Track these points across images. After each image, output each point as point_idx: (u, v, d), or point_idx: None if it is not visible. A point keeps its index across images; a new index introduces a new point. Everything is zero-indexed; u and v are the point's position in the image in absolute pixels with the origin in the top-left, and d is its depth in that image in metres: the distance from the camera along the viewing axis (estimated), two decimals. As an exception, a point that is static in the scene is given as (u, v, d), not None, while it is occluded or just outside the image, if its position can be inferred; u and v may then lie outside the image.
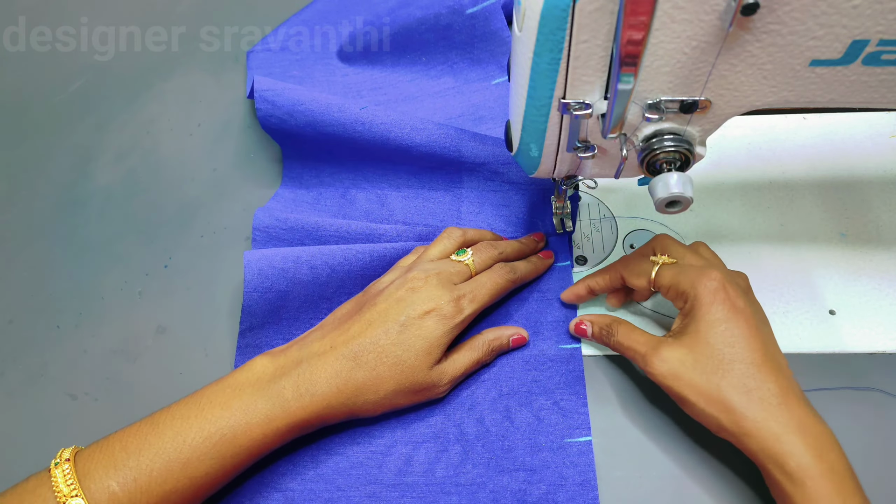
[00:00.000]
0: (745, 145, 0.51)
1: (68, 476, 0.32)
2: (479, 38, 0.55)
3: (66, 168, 0.56)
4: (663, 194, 0.33)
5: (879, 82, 0.31)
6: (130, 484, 0.33)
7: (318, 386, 0.36)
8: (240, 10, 0.64)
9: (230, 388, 0.36)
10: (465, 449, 0.40)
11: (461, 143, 0.47)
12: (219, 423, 0.35)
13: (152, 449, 0.33)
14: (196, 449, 0.34)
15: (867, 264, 0.44)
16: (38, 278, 0.50)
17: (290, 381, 0.36)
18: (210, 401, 0.36)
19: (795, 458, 0.32)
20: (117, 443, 0.34)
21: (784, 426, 0.32)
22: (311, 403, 0.36)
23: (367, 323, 0.38)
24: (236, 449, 0.35)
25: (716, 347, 0.34)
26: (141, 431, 0.34)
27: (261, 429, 0.35)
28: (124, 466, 0.33)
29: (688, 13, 0.27)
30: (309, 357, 0.37)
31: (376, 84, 0.56)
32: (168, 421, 0.35)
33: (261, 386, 0.36)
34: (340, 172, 0.52)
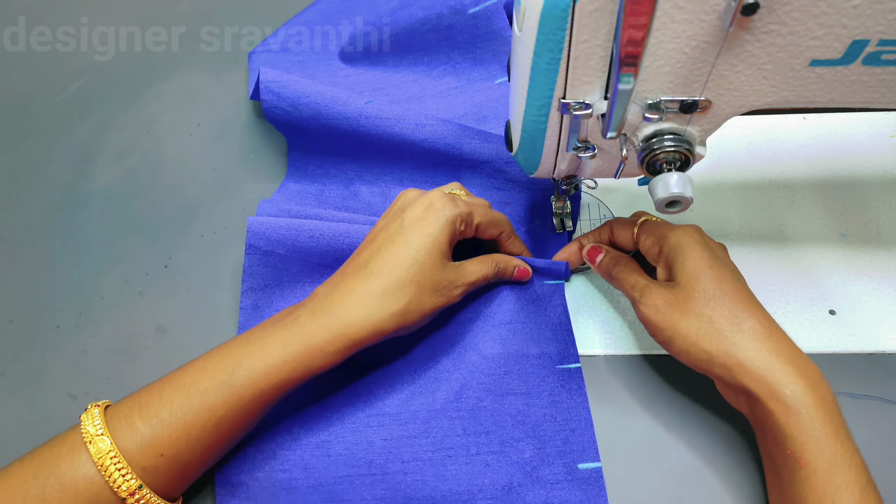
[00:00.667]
0: (745, 145, 0.51)
1: (96, 419, 0.34)
2: (481, 37, 0.55)
3: (66, 168, 0.56)
4: (663, 194, 0.33)
5: (879, 82, 0.31)
6: (153, 418, 0.34)
7: (336, 305, 0.36)
8: (240, 10, 0.64)
9: (254, 330, 0.38)
10: (465, 377, 0.41)
11: (465, 140, 0.47)
12: (237, 354, 0.36)
13: (172, 385, 0.35)
14: (214, 377, 0.35)
15: (867, 264, 0.44)
16: (38, 278, 0.50)
17: (305, 311, 0.37)
18: (233, 340, 0.37)
19: (790, 387, 0.32)
20: (145, 390, 0.36)
21: (776, 357, 0.33)
22: (332, 329, 0.36)
23: (372, 237, 0.39)
24: (254, 376, 0.35)
25: (705, 285, 0.36)
26: (168, 376, 0.36)
27: (280, 357, 0.35)
28: (147, 405, 0.35)
29: (688, 13, 0.27)
30: (324, 287, 0.38)
31: (378, 84, 0.56)
32: (189, 364, 0.36)
33: (280, 318, 0.37)
34: (345, 164, 0.52)
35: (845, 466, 0.31)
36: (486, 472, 0.38)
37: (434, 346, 0.43)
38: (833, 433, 0.31)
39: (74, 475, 0.33)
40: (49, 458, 0.33)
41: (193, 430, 0.34)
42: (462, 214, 0.39)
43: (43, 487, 0.32)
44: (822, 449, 0.31)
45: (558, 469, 0.38)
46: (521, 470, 0.38)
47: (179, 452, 0.34)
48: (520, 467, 0.38)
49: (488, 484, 0.38)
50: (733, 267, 0.38)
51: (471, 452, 0.39)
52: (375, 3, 0.59)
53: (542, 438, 0.39)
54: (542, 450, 0.39)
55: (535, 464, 0.39)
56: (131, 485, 0.33)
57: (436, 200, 0.39)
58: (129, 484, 0.33)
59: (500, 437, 0.39)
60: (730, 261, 0.39)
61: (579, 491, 0.38)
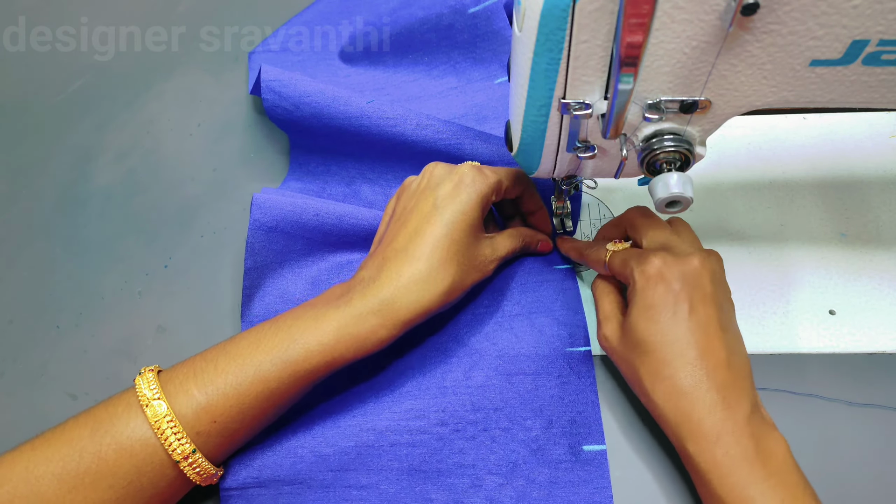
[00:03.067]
0: (745, 145, 0.51)
1: (151, 383, 0.35)
2: (481, 37, 0.55)
3: (66, 168, 0.56)
4: (663, 194, 0.33)
5: (879, 82, 0.31)
6: (208, 385, 0.35)
7: (384, 288, 0.37)
8: (240, 10, 0.64)
9: (303, 304, 0.39)
10: (474, 359, 0.42)
11: (465, 140, 0.47)
12: (291, 329, 0.36)
13: (227, 356, 0.36)
14: (269, 352, 0.36)
15: (867, 264, 0.44)
16: (38, 278, 0.50)
17: (358, 287, 0.37)
18: (286, 314, 0.38)
19: (693, 444, 0.33)
20: (198, 357, 0.37)
21: (687, 414, 0.34)
22: (381, 307, 0.37)
23: (404, 220, 0.39)
24: (308, 352, 0.36)
25: (640, 335, 0.36)
26: (220, 346, 0.37)
27: (334, 331, 0.36)
28: (202, 372, 0.35)
29: (688, 13, 0.27)
30: (366, 268, 0.39)
31: (378, 84, 0.56)
32: (241, 336, 0.37)
33: (331, 292, 0.38)
34: (347, 163, 0.52)
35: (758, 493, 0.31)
36: (493, 448, 0.39)
37: (446, 333, 0.43)
38: (741, 483, 0.31)
39: (131, 436, 0.34)
40: (105, 417, 0.34)
41: (246, 400, 0.35)
42: (492, 185, 0.40)
43: (99, 446, 0.33)
44: (731, 500, 0.32)
45: (563, 449, 0.39)
46: (528, 448, 0.39)
47: (231, 420, 0.35)
48: (526, 445, 0.39)
49: (494, 460, 0.39)
50: (686, 297, 0.35)
51: (478, 428, 0.40)
52: (375, 3, 0.59)
53: (549, 418, 0.40)
54: (548, 429, 0.39)
55: (542, 442, 0.39)
56: (185, 448, 0.34)
57: (465, 175, 0.39)
58: (184, 448, 0.34)
59: (507, 414, 0.40)
60: (686, 288, 0.35)
61: (583, 472, 0.38)
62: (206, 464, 0.35)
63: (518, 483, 0.38)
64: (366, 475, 0.39)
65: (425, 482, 0.38)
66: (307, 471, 0.39)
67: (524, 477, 0.38)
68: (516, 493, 0.38)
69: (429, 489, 0.38)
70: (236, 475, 0.38)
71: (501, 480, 0.38)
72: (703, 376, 0.34)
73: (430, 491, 0.38)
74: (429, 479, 0.38)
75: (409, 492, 0.38)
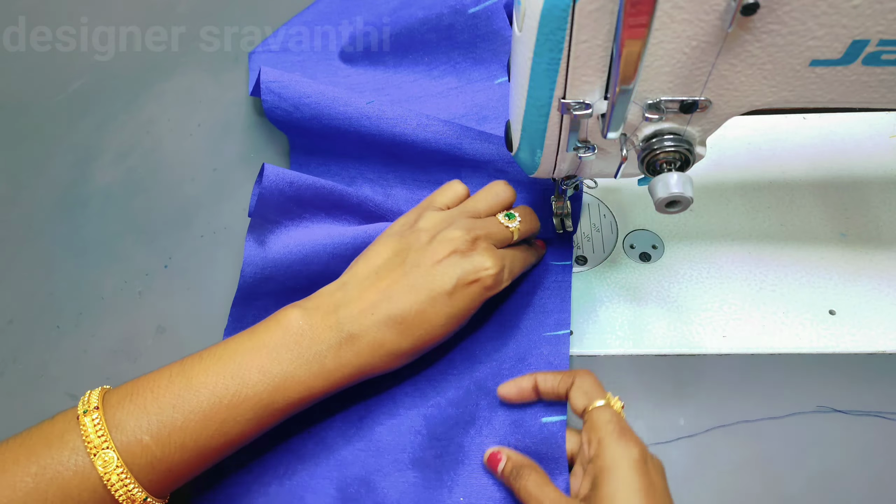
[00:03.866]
0: (745, 145, 0.51)
1: (98, 426, 0.31)
2: (481, 37, 0.55)
3: (66, 168, 0.56)
4: (663, 194, 0.33)
5: (879, 82, 0.31)
6: (164, 438, 0.32)
7: (362, 357, 0.36)
8: (240, 10, 0.64)
9: (265, 350, 0.35)
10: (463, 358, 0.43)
11: (466, 140, 0.47)
12: (256, 388, 0.34)
13: (187, 405, 0.33)
14: (233, 409, 0.34)
15: (867, 264, 0.44)
16: (38, 278, 0.50)
17: (331, 351, 0.36)
18: (246, 362, 0.34)
19: None
20: (148, 393, 0.33)
21: None
22: (353, 372, 0.36)
23: (410, 287, 0.37)
24: (274, 410, 0.35)
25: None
26: (174, 383, 0.33)
27: (299, 394, 0.35)
28: (157, 420, 0.32)
29: (688, 13, 0.27)
30: (349, 323, 0.36)
31: (378, 85, 0.56)
32: (202, 376, 0.34)
33: (299, 353, 0.35)
34: (347, 163, 0.52)
35: None
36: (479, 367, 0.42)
37: None
38: None
39: (80, 486, 0.31)
40: (50, 465, 0.31)
41: (206, 452, 0.34)
42: (501, 289, 0.39)
43: (45, 494, 0.30)
44: None
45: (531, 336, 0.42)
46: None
47: (182, 464, 0.33)
48: None
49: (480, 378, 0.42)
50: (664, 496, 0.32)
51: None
52: (375, 3, 0.59)
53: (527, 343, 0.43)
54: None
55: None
56: (137, 497, 0.32)
57: (488, 278, 0.37)
58: (135, 495, 0.32)
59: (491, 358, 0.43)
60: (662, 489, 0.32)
61: (547, 347, 0.41)
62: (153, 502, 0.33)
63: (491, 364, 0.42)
64: None
65: None
66: None
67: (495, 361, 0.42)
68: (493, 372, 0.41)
69: None
70: None
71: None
72: None
73: None
74: None
75: None
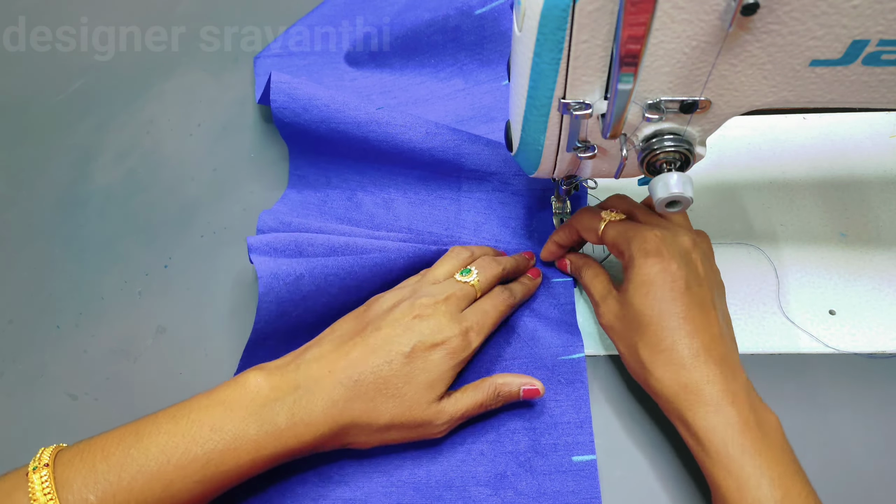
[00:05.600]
0: (745, 145, 0.51)
1: (45, 484, 0.31)
2: (488, 38, 0.54)
3: (66, 168, 0.56)
4: (663, 194, 0.33)
5: (879, 82, 0.31)
6: (109, 498, 0.31)
7: (314, 415, 0.35)
8: (240, 10, 0.64)
9: (220, 407, 0.34)
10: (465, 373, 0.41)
11: (473, 150, 0.47)
12: (206, 446, 0.33)
13: (135, 464, 0.32)
14: (181, 469, 0.32)
15: (867, 264, 0.44)
16: (38, 278, 0.50)
17: (284, 407, 0.34)
18: (199, 419, 0.33)
19: (692, 414, 0.33)
20: (98, 451, 0.32)
21: (686, 385, 0.34)
22: (304, 432, 0.34)
23: (369, 349, 0.36)
24: (222, 472, 0.33)
25: (637, 308, 0.36)
26: (124, 441, 0.33)
27: (249, 455, 0.34)
28: (104, 479, 0.31)
29: (688, 13, 0.27)
30: (306, 381, 0.35)
31: (385, 87, 0.56)
32: (153, 435, 0.33)
33: (254, 409, 0.34)
34: (347, 173, 0.51)
35: (754, 484, 0.31)
36: (481, 461, 0.39)
37: None
38: (739, 452, 0.31)
39: None
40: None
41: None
42: (472, 353, 0.39)
43: None
44: (727, 469, 0.31)
45: (552, 460, 0.39)
46: (516, 460, 0.39)
47: None
48: (514, 457, 0.39)
49: (482, 472, 0.39)
50: (684, 275, 0.36)
51: (467, 442, 0.40)
52: (381, 6, 0.59)
53: (538, 430, 0.40)
54: (537, 441, 0.39)
55: (530, 454, 0.39)
56: None
57: (452, 340, 0.37)
58: None
59: (496, 426, 0.40)
60: (684, 265, 0.36)
61: (572, 482, 0.38)
62: None
63: (506, 494, 0.38)
64: (355, 489, 0.39)
65: (414, 495, 0.38)
66: (297, 479, 0.39)
67: (512, 488, 0.38)
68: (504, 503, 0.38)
69: (417, 501, 0.38)
70: None
71: (489, 492, 0.38)
72: (701, 348, 0.34)
73: (417, 503, 0.38)
74: (418, 492, 0.38)
75: None
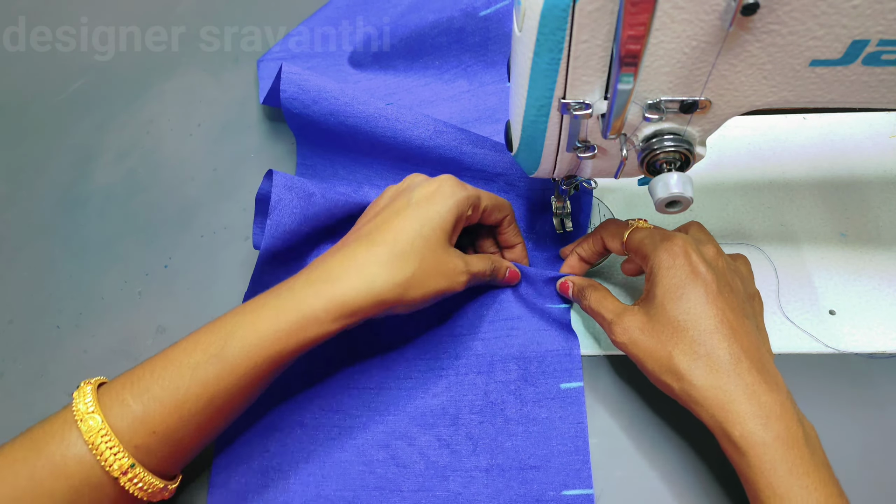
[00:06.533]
0: (745, 145, 0.51)
1: (87, 397, 0.33)
2: (492, 40, 0.54)
3: (66, 168, 0.56)
4: (663, 194, 0.33)
5: (879, 82, 0.31)
6: (144, 394, 0.33)
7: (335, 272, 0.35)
8: (240, 10, 0.64)
9: (248, 306, 0.36)
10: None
11: (481, 151, 0.47)
12: (227, 327, 0.34)
13: (164, 360, 0.34)
14: (206, 351, 0.34)
15: (867, 264, 0.44)
16: (38, 278, 0.50)
17: (300, 279, 0.36)
18: (224, 320, 0.35)
19: (739, 427, 0.31)
20: (137, 367, 0.35)
21: (730, 394, 0.32)
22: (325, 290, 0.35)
23: (375, 220, 0.38)
24: (245, 347, 0.34)
25: (670, 313, 0.34)
26: (162, 352, 0.35)
27: (271, 324, 0.34)
28: (139, 380, 0.34)
29: (688, 13, 0.27)
30: (325, 258, 0.37)
31: (389, 89, 0.56)
32: (184, 339, 0.35)
33: (279, 292, 0.36)
34: (354, 166, 0.51)
35: (799, 502, 0.30)
36: (473, 391, 0.41)
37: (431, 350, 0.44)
38: (787, 471, 0.30)
39: (65, 454, 0.32)
40: (41, 437, 0.33)
41: (186, 406, 0.33)
42: (471, 197, 0.39)
43: (34, 467, 0.31)
44: (773, 488, 0.30)
45: (541, 388, 0.41)
46: (506, 388, 0.41)
47: (173, 429, 0.33)
48: (504, 386, 0.41)
49: (475, 400, 0.41)
50: (714, 279, 0.35)
51: (460, 372, 0.42)
52: (385, 8, 0.59)
53: (528, 359, 0.42)
54: (526, 370, 0.41)
55: (520, 383, 0.41)
56: (123, 463, 0.32)
57: (445, 182, 0.39)
58: (121, 462, 0.32)
59: (488, 358, 0.42)
60: (711, 270, 0.35)
61: (560, 408, 0.40)
62: (149, 478, 0.33)
63: (497, 420, 0.40)
64: (353, 417, 0.41)
65: (410, 422, 0.41)
66: (300, 409, 0.42)
67: (502, 414, 0.40)
68: (494, 429, 0.40)
69: (413, 428, 0.40)
70: None
71: (481, 418, 0.40)
72: (742, 353, 0.33)
73: (414, 430, 0.40)
74: (413, 420, 0.41)
75: (394, 430, 0.40)
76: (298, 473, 0.40)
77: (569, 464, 0.38)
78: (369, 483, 0.39)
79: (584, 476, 0.38)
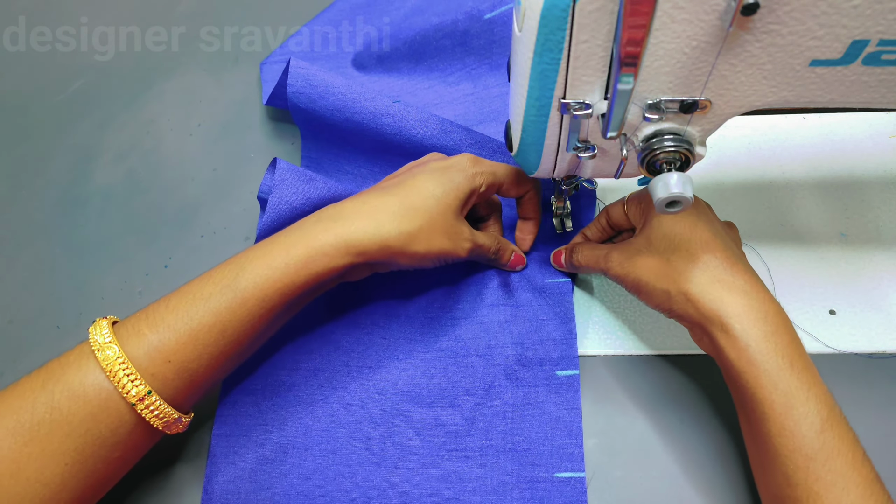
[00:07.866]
0: (745, 145, 0.51)
1: (104, 329, 0.34)
2: (496, 43, 0.54)
3: (66, 168, 0.56)
4: (663, 194, 0.33)
5: (879, 82, 0.31)
6: (160, 324, 0.34)
7: (345, 212, 0.37)
8: (240, 10, 0.64)
9: (259, 245, 0.37)
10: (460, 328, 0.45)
11: (487, 154, 0.47)
12: (240, 261, 0.36)
13: (179, 294, 0.36)
14: (218, 283, 0.35)
15: (867, 264, 0.44)
16: (38, 278, 0.50)
17: (311, 218, 0.37)
18: (237, 257, 0.37)
19: (739, 321, 0.33)
20: (153, 303, 0.36)
21: (728, 290, 0.34)
22: (334, 227, 0.36)
23: (390, 181, 0.40)
24: (256, 279, 0.35)
25: (667, 233, 0.37)
26: (175, 290, 0.36)
27: (281, 258, 0.35)
28: (155, 312, 0.35)
29: (688, 13, 0.27)
30: (338, 206, 0.39)
31: (393, 92, 0.56)
32: (200, 275, 0.37)
33: (292, 229, 0.37)
34: (359, 161, 0.52)
35: (802, 398, 0.31)
36: (471, 373, 0.42)
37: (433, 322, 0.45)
38: (787, 365, 0.32)
39: (83, 381, 0.33)
40: (57, 367, 0.34)
41: (200, 336, 0.34)
42: (485, 173, 0.40)
43: (52, 395, 0.32)
44: (775, 382, 0.31)
45: (538, 374, 0.42)
46: (503, 372, 0.42)
47: (187, 359, 0.34)
48: (502, 370, 0.42)
49: (472, 382, 0.42)
50: (708, 220, 0.37)
51: (459, 354, 0.43)
52: (389, 10, 0.59)
53: (526, 345, 0.42)
54: (524, 355, 0.42)
55: (517, 367, 0.42)
56: (140, 390, 0.33)
57: (463, 157, 0.40)
58: (139, 389, 0.33)
59: (486, 342, 0.43)
60: (710, 216, 0.38)
61: (555, 394, 0.41)
62: (164, 406, 0.34)
63: (493, 403, 0.41)
64: (351, 394, 0.42)
65: (408, 402, 0.41)
66: (301, 385, 0.43)
67: (499, 397, 0.41)
68: (491, 411, 0.41)
69: (410, 407, 0.41)
70: None
71: (478, 400, 0.41)
72: (736, 259, 0.35)
73: (411, 409, 0.41)
74: (411, 399, 0.42)
75: (392, 409, 0.41)
76: (296, 447, 0.41)
77: (562, 447, 0.39)
78: (365, 459, 0.40)
79: (577, 459, 0.39)
